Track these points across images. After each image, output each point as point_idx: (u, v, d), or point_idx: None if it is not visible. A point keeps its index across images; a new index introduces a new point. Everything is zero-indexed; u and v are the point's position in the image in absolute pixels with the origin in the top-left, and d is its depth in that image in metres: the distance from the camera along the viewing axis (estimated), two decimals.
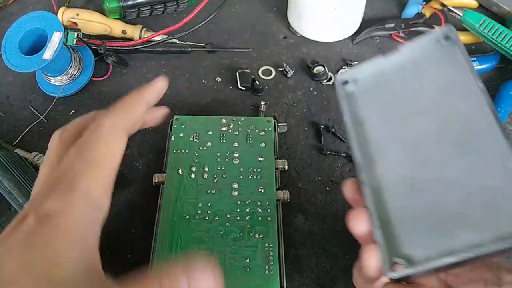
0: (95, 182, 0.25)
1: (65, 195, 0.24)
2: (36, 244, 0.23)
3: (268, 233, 0.36)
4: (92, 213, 0.25)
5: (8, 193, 0.41)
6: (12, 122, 0.51)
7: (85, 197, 0.24)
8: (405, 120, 0.26)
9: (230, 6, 0.59)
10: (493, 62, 0.51)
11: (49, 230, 0.23)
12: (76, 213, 0.24)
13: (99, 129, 0.26)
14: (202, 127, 0.43)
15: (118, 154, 0.26)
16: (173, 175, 0.39)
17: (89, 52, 0.53)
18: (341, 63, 0.53)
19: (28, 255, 0.23)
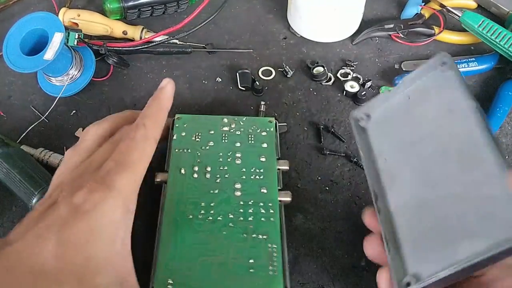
0: (127, 184, 0.26)
1: (97, 190, 0.25)
2: (73, 241, 0.24)
3: (271, 234, 0.36)
4: (124, 215, 0.26)
5: (18, 184, 0.40)
6: (14, 122, 0.51)
7: (117, 196, 0.25)
8: (412, 146, 0.28)
9: (230, 7, 0.60)
10: (492, 63, 0.51)
11: (84, 226, 0.24)
12: (109, 212, 0.25)
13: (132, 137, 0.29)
14: (204, 126, 0.42)
15: (148, 160, 0.29)
16: (176, 174, 0.38)
17: (90, 53, 0.53)
18: (340, 63, 0.54)
19: (67, 252, 0.23)
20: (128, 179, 0.26)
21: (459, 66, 0.50)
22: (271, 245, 0.35)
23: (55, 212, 0.25)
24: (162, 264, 0.33)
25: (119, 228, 0.25)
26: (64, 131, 0.50)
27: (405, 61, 0.53)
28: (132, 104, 0.52)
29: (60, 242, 0.23)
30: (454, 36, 0.54)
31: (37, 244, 0.24)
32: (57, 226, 0.24)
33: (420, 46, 0.54)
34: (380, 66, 0.53)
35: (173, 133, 0.41)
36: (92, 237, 0.24)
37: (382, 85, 0.51)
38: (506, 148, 0.46)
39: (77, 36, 0.50)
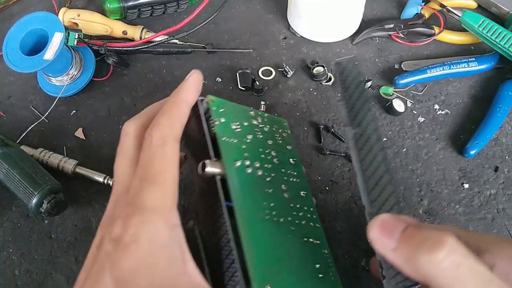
0: (159, 199, 0.24)
1: (132, 215, 0.23)
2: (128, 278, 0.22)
3: (321, 239, 0.33)
4: (170, 233, 0.23)
5: (17, 184, 0.40)
6: (13, 122, 0.51)
7: (154, 216, 0.23)
8: None
9: (230, 7, 0.60)
10: (492, 63, 0.51)
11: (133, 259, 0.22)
12: (152, 236, 0.23)
13: (149, 145, 0.25)
14: (238, 115, 0.35)
15: (175, 164, 0.25)
16: (231, 167, 0.30)
17: (90, 53, 0.53)
18: None
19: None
20: (158, 193, 0.24)
21: (459, 66, 0.50)
22: (324, 250, 0.33)
23: (102, 252, 0.23)
24: (255, 271, 0.25)
25: (171, 249, 0.23)
26: (64, 131, 0.50)
27: (405, 61, 0.53)
28: (132, 104, 0.52)
29: (118, 283, 0.22)
30: (454, 36, 0.54)
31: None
32: (108, 267, 0.22)
33: (420, 46, 0.54)
34: (380, 66, 0.53)
35: (213, 117, 0.32)
36: (145, 267, 0.22)
37: (382, 85, 0.51)
38: (506, 148, 0.46)
39: (77, 36, 0.50)
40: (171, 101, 0.28)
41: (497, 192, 0.43)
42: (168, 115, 0.27)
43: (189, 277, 0.23)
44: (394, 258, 0.21)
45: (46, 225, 0.44)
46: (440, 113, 0.49)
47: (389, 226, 0.21)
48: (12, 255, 0.42)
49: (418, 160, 0.46)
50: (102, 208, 0.44)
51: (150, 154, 0.25)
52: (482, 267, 0.19)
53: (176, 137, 0.26)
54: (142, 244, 0.22)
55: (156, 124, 0.26)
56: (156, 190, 0.24)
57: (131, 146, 0.27)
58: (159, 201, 0.23)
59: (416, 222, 0.21)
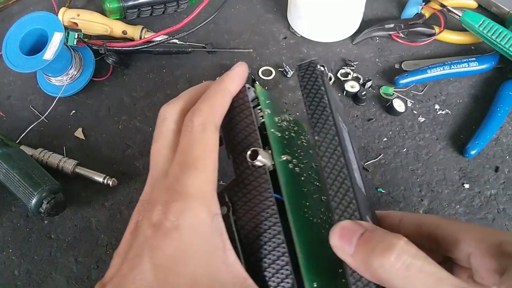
0: (200, 185, 0.23)
1: (172, 201, 0.22)
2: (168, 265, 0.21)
3: None
4: (210, 221, 0.23)
5: (17, 184, 0.40)
6: (13, 122, 0.51)
7: (195, 202, 0.23)
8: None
9: (230, 7, 0.60)
10: (492, 63, 0.51)
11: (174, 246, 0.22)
12: (193, 223, 0.22)
13: (190, 130, 0.25)
14: (277, 110, 0.32)
15: (215, 151, 0.25)
16: (279, 159, 0.28)
17: (90, 53, 0.53)
18: (340, 63, 0.53)
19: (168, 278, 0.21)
20: (200, 179, 0.23)
21: (460, 66, 0.50)
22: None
23: (140, 236, 0.23)
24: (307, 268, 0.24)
25: (212, 237, 0.23)
26: (63, 131, 0.50)
27: (405, 61, 0.53)
28: (132, 104, 0.51)
29: (157, 270, 0.21)
30: (455, 36, 0.54)
31: (134, 277, 0.21)
32: (147, 252, 0.22)
33: (420, 46, 0.54)
34: (381, 66, 0.53)
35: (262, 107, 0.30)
36: (186, 255, 0.22)
37: (382, 85, 0.50)
38: (507, 148, 0.46)
39: (76, 36, 0.50)
40: (214, 88, 0.27)
41: (497, 192, 0.43)
42: (211, 102, 0.26)
43: (229, 266, 0.23)
44: (352, 263, 0.21)
45: (45, 225, 0.44)
46: (441, 113, 0.49)
47: (348, 232, 0.21)
48: (12, 255, 0.42)
49: (419, 160, 0.46)
50: (102, 208, 0.44)
51: (191, 139, 0.24)
52: (433, 266, 0.19)
53: (217, 125, 0.26)
54: (184, 232, 0.22)
55: (197, 109, 0.25)
56: (197, 176, 0.23)
57: (170, 131, 0.26)
58: (201, 188, 0.23)
59: (373, 227, 0.21)
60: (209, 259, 0.22)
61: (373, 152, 0.46)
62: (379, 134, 0.47)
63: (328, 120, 0.25)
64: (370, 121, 0.48)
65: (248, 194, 0.25)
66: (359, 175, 0.29)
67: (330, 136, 0.25)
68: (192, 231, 0.22)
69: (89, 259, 0.41)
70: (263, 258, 0.24)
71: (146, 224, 0.23)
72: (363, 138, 0.47)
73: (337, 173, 0.23)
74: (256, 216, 0.24)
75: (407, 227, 0.28)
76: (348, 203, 0.23)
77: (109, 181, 0.44)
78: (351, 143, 0.31)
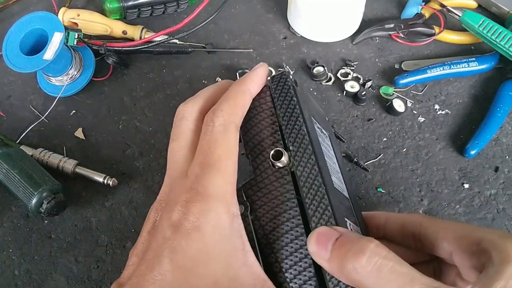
0: (221, 186, 0.23)
1: (193, 201, 0.22)
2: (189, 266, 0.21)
3: None
4: (231, 222, 0.23)
5: (17, 184, 0.41)
6: (13, 122, 0.51)
7: (216, 203, 0.22)
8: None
9: (230, 7, 0.60)
10: (492, 63, 0.51)
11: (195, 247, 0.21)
12: (214, 224, 0.22)
13: (211, 130, 0.25)
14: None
15: (236, 151, 0.25)
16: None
17: (90, 53, 0.53)
18: (340, 63, 0.53)
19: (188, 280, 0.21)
20: (220, 180, 0.23)
21: (460, 66, 0.50)
22: None
23: (159, 237, 0.22)
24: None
25: (232, 239, 0.22)
26: (63, 131, 0.50)
27: (405, 61, 0.53)
28: (132, 104, 0.51)
29: (177, 271, 0.21)
30: (455, 36, 0.54)
31: (154, 279, 0.21)
32: (167, 253, 0.21)
33: (420, 46, 0.54)
34: (381, 66, 0.53)
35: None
36: (207, 256, 0.21)
37: (382, 85, 0.51)
38: (507, 148, 0.46)
39: (76, 36, 0.50)
40: (235, 89, 0.27)
41: (497, 192, 0.43)
42: (232, 102, 0.26)
43: (249, 268, 0.23)
44: (329, 267, 0.21)
45: (46, 225, 0.44)
46: (440, 113, 0.49)
47: (323, 238, 0.21)
48: (12, 255, 0.42)
49: (418, 160, 0.46)
50: (102, 208, 0.44)
51: (212, 139, 0.24)
52: (405, 267, 0.20)
53: (237, 125, 0.26)
54: (205, 233, 0.22)
55: (218, 109, 0.25)
56: (218, 177, 0.23)
57: (189, 131, 0.26)
58: (221, 189, 0.23)
59: (347, 232, 0.22)
60: (229, 260, 0.22)
61: (373, 152, 0.46)
62: (379, 134, 0.48)
63: (301, 130, 0.25)
64: (370, 121, 0.48)
65: (269, 194, 0.25)
66: (341, 178, 0.29)
67: (304, 145, 0.25)
68: (212, 232, 0.22)
69: (89, 259, 0.41)
70: (284, 259, 0.23)
71: (166, 225, 0.22)
72: (363, 138, 0.47)
73: (312, 181, 0.24)
74: (277, 217, 0.24)
75: (392, 227, 0.28)
76: (324, 210, 0.23)
77: (109, 181, 0.44)
78: (332, 148, 0.31)
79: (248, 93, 0.27)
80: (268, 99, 0.28)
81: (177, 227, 0.22)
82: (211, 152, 0.24)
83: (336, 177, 0.28)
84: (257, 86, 0.28)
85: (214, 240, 0.22)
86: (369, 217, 0.30)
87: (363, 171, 0.45)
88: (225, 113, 0.25)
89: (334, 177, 0.27)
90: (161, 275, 0.21)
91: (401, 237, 0.28)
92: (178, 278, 0.21)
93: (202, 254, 0.22)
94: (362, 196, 0.43)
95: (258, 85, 0.28)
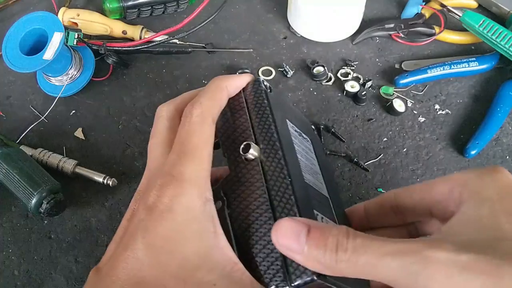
0: (195, 172, 0.24)
1: (167, 185, 0.23)
2: (160, 244, 0.22)
3: None
4: (203, 206, 0.24)
5: (17, 184, 0.41)
6: (13, 122, 0.51)
7: (189, 187, 0.23)
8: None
9: (230, 7, 0.60)
10: (493, 63, 0.51)
11: (166, 227, 0.22)
12: (187, 206, 0.23)
13: (189, 121, 0.26)
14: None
15: (211, 143, 0.26)
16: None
17: (90, 53, 0.53)
18: (340, 63, 0.53)
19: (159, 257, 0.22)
20: (195, 167, 0.24)
21: (460, 66, 0.50)
22: None
23: (135, 219, 0.24)
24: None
25: (204, 221, 0.24)
26: (63, 131, 0.50)
27: (405, 61, 0.53)
28: (131, 104, 0.51)
29: (148, 249, 0.22)
30: (455, 36, 0.54)
31: (127, 257, 0.22)
32: (140, 232, 0.23)
33: (420, 46, 0.54)
34: (381, 66, 0.53)
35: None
36: (178, 235, 0.22)
37: (382, 85, 0.50)
38: (507, 148, 0.46)
39: (76, 35, 0.50)
40: (214, 84, 0.28)
41: None
42: (210, 95, 0.27)
43: (220, 249, 0.23)
44: (303, 260, 0.21)
45: (45, 225, 0.44)
46: (441, 113, 0.49)
47: (292, 230, 0.21)
48: (12, 255, 0.42)
49: (419, 160, 0.46)
50: (101, 208, 0.44)
51: (190, 129, 0.26)
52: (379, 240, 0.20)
53: (214, 118, 0.27)
54: (177, 214, 0.23)
55: (197, 102, 0.27)
56: (193, 163, 0.24)
57: (164, 128, 0.28)
58: (195, 174, 0.24)
59: (315, 223, 0.22)
60: (200, 240, 0.23)
61: (373, 152, 0.46)
62: (379, 134, 0.47)
63: (270, 128, 0.27)
64: (370, 121, 0.48)
65: (241, 186, 0.26)
66: (321, 179, 0.30)
67: (272, 142, 0.26)
68: (184, 213, 0.23)
69: (89, 259, 0.41)
70: (255, 245, 0.24)
71: (141, 208, 0.24)
72: (363, 138, 0.47)
73: (278, 173, 0.25)
74: (248, 206, 0.25)
75: (372, 212, 0.29)
76: (287, 200, 0.24)
77: (109, 181, 0.44)
78: (314, 152, 0.32)
79: (225, 90, 0.28)
80: (241, 101, 0.29)
81: (151, 209, 0.23)
82: (187, 141, 0.25)
83: (313, 176, 0.29)
84: (234, 87, 0.29)
85: (185, 221, 0.23)
86: (350, 213, 0.31)
87: (363, 171, 0.45)
88: (203, 106, 0.26)
89: (307, 175, 0.28)
90: (133, 253, 0.22)
91: (384, 217, 0.28)
92: (149, 256, 0.22)
93: (174, 233, 0.22)
94: (362, 196, 0.43)
95: (235, 86, 0.29)
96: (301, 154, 0.29)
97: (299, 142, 0.30)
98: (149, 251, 0.22)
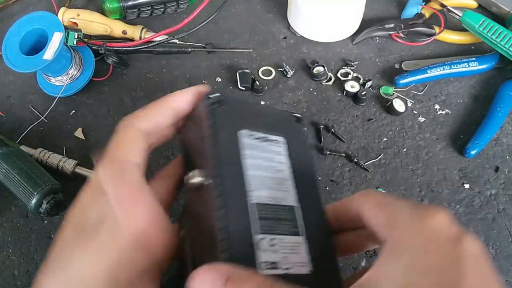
0: (104, 173, 0.27)
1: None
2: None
3: None
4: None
5: (17, 184, 0.40)
6: (13, 122, 0.51)
7: (97, 184, 0.27)
8: None
9: (230, 7, 0.60)
10: (493, 63, 0.51)
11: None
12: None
13: (117, 128, 0.27)
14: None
15: (133, 149, 0.27)
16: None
17: (90, 53, 0.53)
18: (340, 63, 0.53)
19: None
20: (105, 169, 0.27)
21: (460, 66, 0.50)
22: None
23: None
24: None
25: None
26: (63, 131, 0.50)
27: (405, 61, 0.53)
28: (131, 104, 0.51)
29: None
30: (455, 36, 0.54)
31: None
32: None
33: (420, 46, 0.54)
34: (381, 66, 0.53)
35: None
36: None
37: (382, 85, 0.50)
38: (507, 148, 0.46)
39: (76, 35, 0.50)
40: (159, 100, 0.28)
41: (497, 192, 0.43)
42: (146, 110, 0.28)
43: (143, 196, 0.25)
44: None
45: (45, 225, 0.43)
46: (441, 113, 0.49)
47: (211, 280, 0.21)
48: (12, 255, 0.42)
49: (419, 160, 0.46)
50: None
51: (113, 136, 0.28)
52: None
53: (142, 130, 0.27)
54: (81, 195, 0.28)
55: (131, 114, 0.28)
56: (106, 167, 0.27)
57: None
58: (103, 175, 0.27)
59: (236, 272, 0.21)
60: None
61: (373, 152, 0.46)
62: (379, 134, 0.47)
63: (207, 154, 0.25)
64: (370, 121, 0.48)
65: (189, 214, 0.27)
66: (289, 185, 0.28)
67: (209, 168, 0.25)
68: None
69: None
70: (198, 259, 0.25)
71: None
72: (363, 138, 0.47)
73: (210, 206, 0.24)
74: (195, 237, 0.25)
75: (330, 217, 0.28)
76: (213, 240, 0.23)
77: None
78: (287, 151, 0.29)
79: (167, 107, 0.28)
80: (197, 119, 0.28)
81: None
82: (109, 145, 0.27)
83: (272, 188, 0.27)
84: (179, 101, 0.28)
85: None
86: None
87: (363, 171, 0.45)
88: (133, 117, 0.28)
89: (260, 191, 0.26)
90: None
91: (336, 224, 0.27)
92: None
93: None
94: None
95: (180, 100, 0.28)
96: (256, 168, 0.26)
97: (256, 153, 0.27)
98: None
